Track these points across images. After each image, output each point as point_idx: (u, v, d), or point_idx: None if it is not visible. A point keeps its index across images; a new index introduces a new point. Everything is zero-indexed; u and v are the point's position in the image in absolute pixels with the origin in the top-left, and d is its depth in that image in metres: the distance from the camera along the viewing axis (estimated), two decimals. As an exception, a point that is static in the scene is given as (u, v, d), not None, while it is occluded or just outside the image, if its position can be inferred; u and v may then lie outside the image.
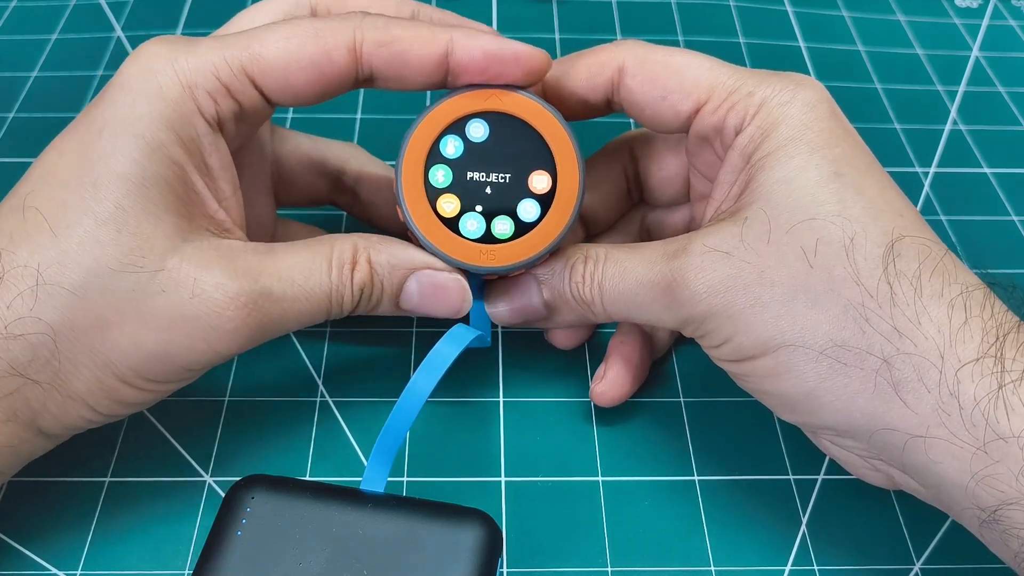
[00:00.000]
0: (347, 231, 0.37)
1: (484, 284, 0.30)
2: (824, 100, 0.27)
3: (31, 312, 0.24)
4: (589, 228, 0.33)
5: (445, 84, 0.28)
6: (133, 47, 0.26)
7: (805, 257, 0.24)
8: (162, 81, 0.25)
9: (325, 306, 0.27)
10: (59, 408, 0.25)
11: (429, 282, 0.28)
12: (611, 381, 0.31)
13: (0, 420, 0.24)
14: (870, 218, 0.25)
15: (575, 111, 0.30)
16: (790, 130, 0.26)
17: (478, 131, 0.27)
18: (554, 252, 0.29)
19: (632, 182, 0.33)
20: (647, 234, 0.34)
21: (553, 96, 0.29)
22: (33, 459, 0.26)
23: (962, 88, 0.46)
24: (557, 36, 0.47)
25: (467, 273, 0.28)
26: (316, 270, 0.26)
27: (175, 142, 0.25)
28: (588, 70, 0.29)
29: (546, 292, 0.29)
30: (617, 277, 0.27)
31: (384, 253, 0.27)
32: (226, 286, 0.25)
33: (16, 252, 0.24)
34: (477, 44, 0.27)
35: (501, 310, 0.29)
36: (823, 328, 0.24)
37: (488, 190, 0.27)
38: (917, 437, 0.23)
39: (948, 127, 0.44)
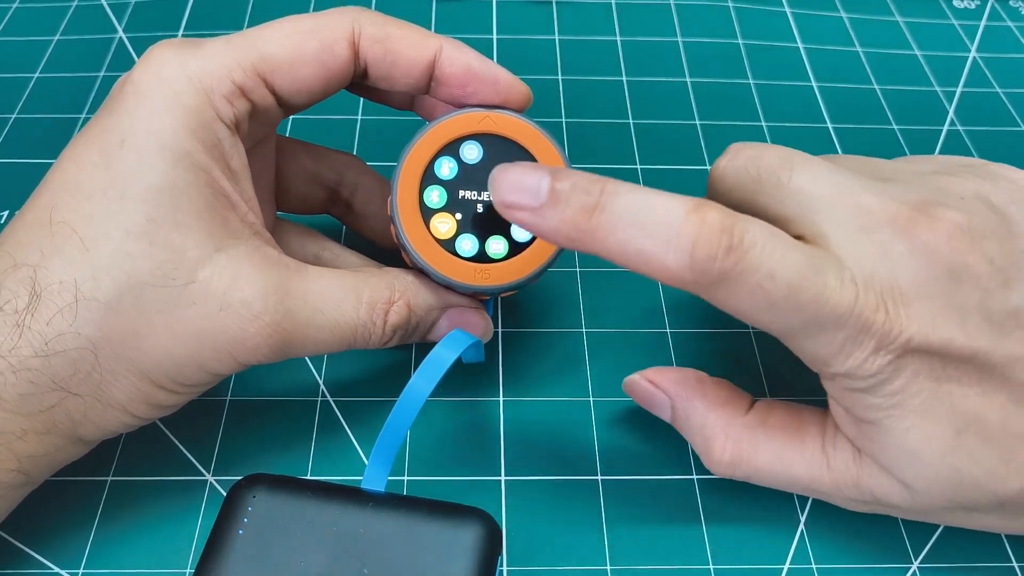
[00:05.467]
0: (346, 237, 0.37)
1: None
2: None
3: (71, 328, 0.24)
4: None
5: (428, 91, 0.28)
6: (135, 48, 0.26)
7: (965, 511, 0.26)
8: (178, 88, 0.25)
9: (348, 339, 0.27)
10: (99, 417, 0.25)
11: (459, 319, 0.29)
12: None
13: (39, 432, 0.24)
14: (1011, 473, 0.25)
15: None
16: (886, 407, 0.25)
17: (472, 152, 0.28)
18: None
19: None
20: None
21: None
22: (67, 464, 0.26)
23: (960, 89, 0.46)
24: (557, 38, 0.48)
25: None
26: (345, 302, 0.27)
27: (200, 150, 0.25)
28: None
29: (679, 428, 0.29)
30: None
31: (421, 296, 0.28)
32: (252, 304, 0.25)
33: (49, 268, 0.24)
34: (462, 59, 0.27)
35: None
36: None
37: (482, 210, 0.28)
38: None
39: (946, 128, 0.44)
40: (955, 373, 0.24)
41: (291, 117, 0.42)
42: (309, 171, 0.33)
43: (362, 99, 0.43)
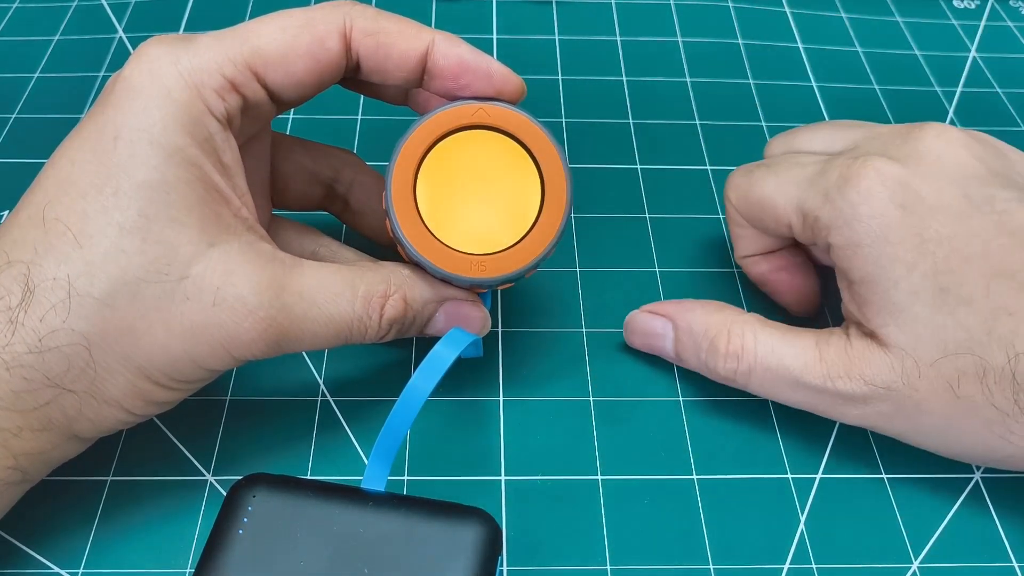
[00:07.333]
0: (346, 235, 0.37)
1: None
2: (883, 192, 0.27)
3: (64, 324, 0.24)
4: None
5: (421, 84, 0.28)
6: (135, 48, 0.26)
7: (952, 389, 0.27)
8: (169, 84, 0.25)
9: (344, 333, 0.27)
10: (95, 413, 0.25)
11: (455, 312, 0.29)
12: None
13: (35, 429, 0.24)
14: (993, 341, 0.26)
15: None
16: (874, 257, 0.27)
17: None
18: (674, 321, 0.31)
19: None
20: None
21: None
22: (64, 463, 0.26)
23: (960, 89, 0.46)
24: (557, 38, 0.48)
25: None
26: (340, 296, 0.27)
27: (191, 144, 0.25)
28: None
29: (679, 351, 0.32)
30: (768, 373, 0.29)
31: (418, 290, 0.28)
32: (246, 299, 0.25)
33: (43, 265, 0.24)
34: (455, 51, 0.27)
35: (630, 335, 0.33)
36: (976, 448, 0.28)
37: None
38: None
39: (946, 128, 0.44)
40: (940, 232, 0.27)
41: (291, 116, 0.42)
42: (306, 168, 0.33)
43: (362, 97, 0.43)
